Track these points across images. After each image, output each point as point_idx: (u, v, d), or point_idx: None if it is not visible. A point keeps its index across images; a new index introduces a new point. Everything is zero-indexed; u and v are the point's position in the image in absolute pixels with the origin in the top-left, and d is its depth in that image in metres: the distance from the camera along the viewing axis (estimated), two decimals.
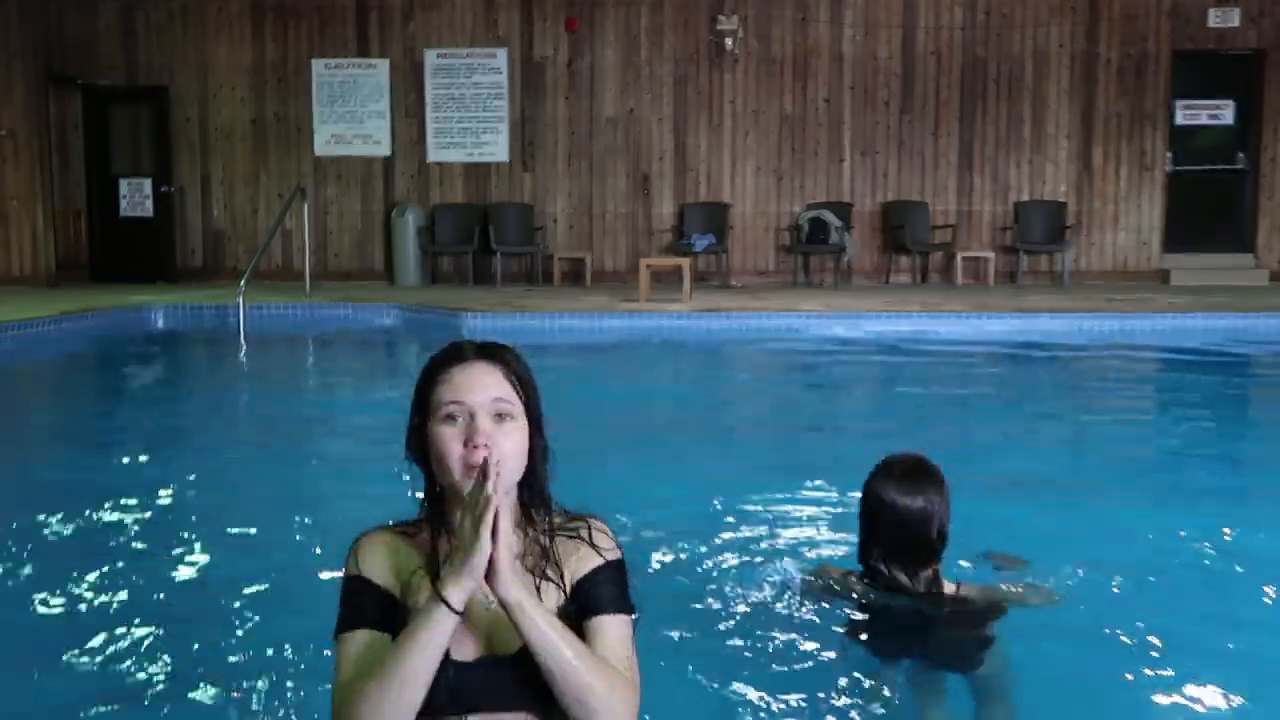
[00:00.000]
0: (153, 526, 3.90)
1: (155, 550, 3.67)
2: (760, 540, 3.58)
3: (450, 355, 1.76)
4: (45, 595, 3.24)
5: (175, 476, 4.69)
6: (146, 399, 7.59)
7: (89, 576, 3.37)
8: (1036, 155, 13.40)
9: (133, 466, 5.13)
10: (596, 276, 13.16)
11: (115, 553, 3.61)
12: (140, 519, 4.00)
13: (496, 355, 1.75)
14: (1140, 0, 13.18)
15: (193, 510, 4.13)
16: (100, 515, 4.02)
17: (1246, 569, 3.45)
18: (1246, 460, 5.58)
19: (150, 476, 4.64)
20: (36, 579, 3.36)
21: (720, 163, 13.45)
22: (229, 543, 3.74)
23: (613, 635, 1.71)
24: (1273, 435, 6.18)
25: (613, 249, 13.52)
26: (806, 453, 4.30)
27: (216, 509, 4.17)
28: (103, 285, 12.67)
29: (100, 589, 3.29)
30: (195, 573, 3.45)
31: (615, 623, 1.72)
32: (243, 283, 9.86)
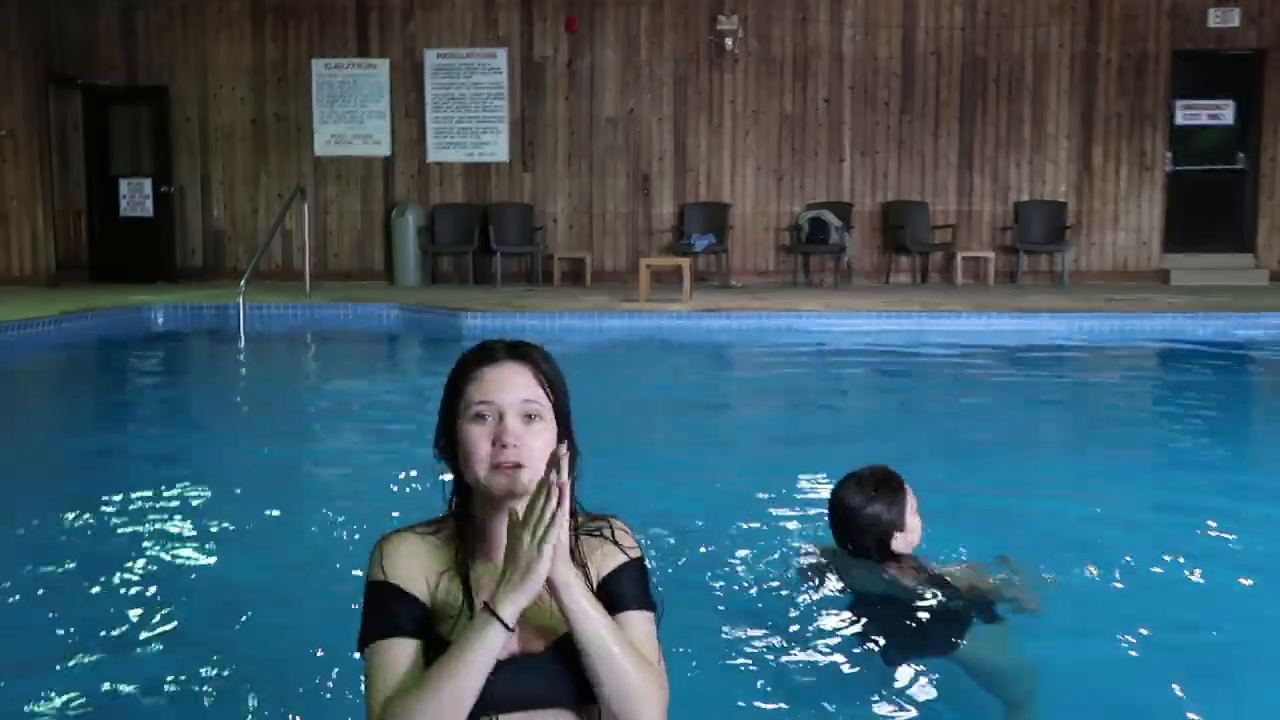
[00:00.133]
0: (153, 526, 3.90)
1: (155, 550, 3.67)
2: (758, 539, 3.58)
3: (481, 354, 1.75)
4: (46, 596, 3.24)
5: (175, 476, 4.69)
6: (146, 399, 7.59)
7: (89, 578, 3.38)
8: (1036, 155, 13.40)
9: (133, 466, 5.13)
10: (596, 276, 13.17)
11: (115, 553, 3.61)
12: (141, 519, 4.00)
13: (527, 355, 1.75)
14: (1140, 0, 13.19)
15: (193, 510, 4.14)
16: (100, 515, 4.02)
17: (1246, 569, 3.45)
18: (1246, 460, 5.58)
19: (150, 476, 4.64)
20: (36, 579, 3.36)
21: (720, 163, 13.46)
22: (229, 543, 3.75)
23: (640, 630, 1.71)
24: (1273, 435, 6.18)
25: (613, 249, 13.53)
26: (806, 452, 4.30)
27: (217, 509, 4.18)
28: (103, 285, 12.68)
29: (100, 589, 3.30)
30: (195, 573, 3.46)
31: (641, 618, 1.73)
32: (243, 283, 9.87)
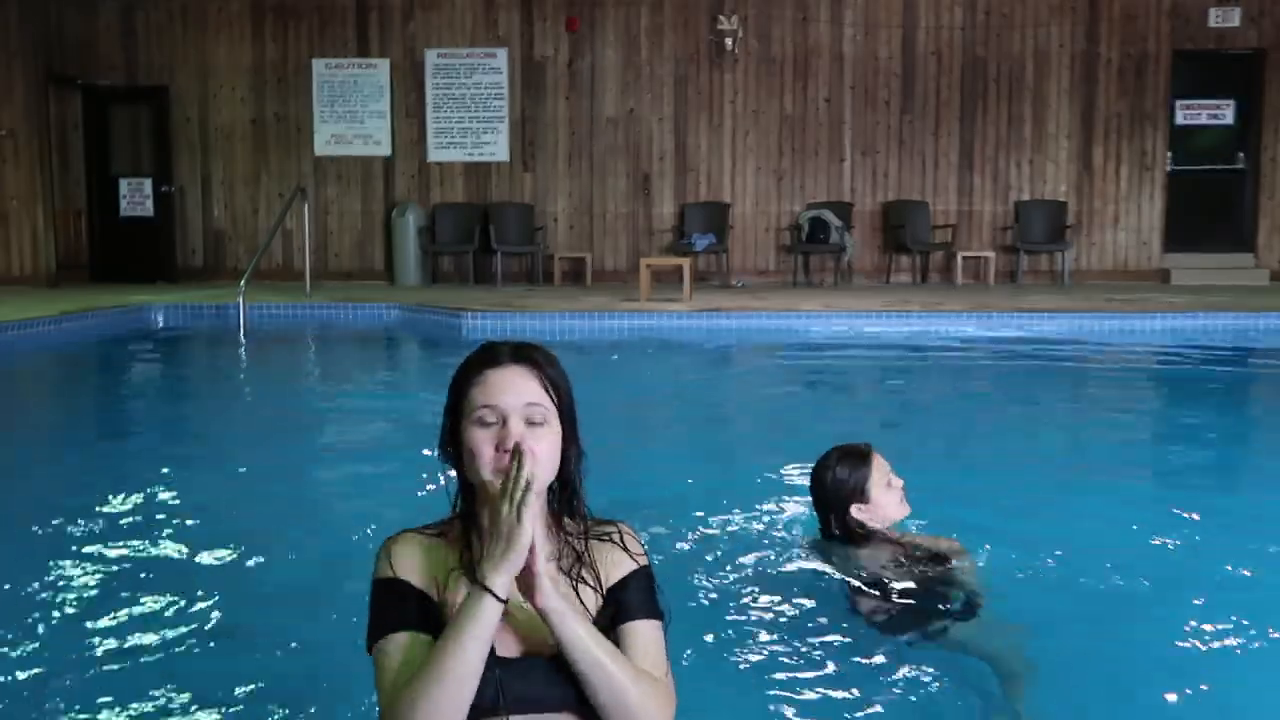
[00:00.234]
0: (153, 527, 3.90)
1: (155, 551, 3.67)
2: (757, 538, 3.58)
3: (485, 357, 1.75)
4: (46, 596, 3.24)
5: (175, 477, 4.70)
6: (147, 399, 7.59)
7: (89, 578, 3.38)
8: (1037, 155, 13.41)
9: (133, 467, 5.13)
10: (597, 276, 13.17)
11: (114, 553, 3.61)
12: (140, 519, 4.00)
13: (530, 358, 1.74)
14: (1140, 0, 13.19)
15: (193, 510, 4.13)
16: (100, 516, 4.02)
17: (1247, 570, 3.45)
18: (1246, 460, 5.58)
19: (150, 477, 4.64)
20: (36, 579, 3.36)
21: (720, 162, 13.46)
22: (229, 543, 3.74)
23: (647, 640, 1.71)
24: (1273, 435, 6.18)
25: (613, 249, 13.53)
26: (806, 452, 4.30)
27: (217, 508, 4.17)
28: (103, 285, 12.68)
29: (99, 590, 3.30)
30: (196, 573, 3.45)
31: (648, 627, 1.73)
32: (243, 283, 9.86)
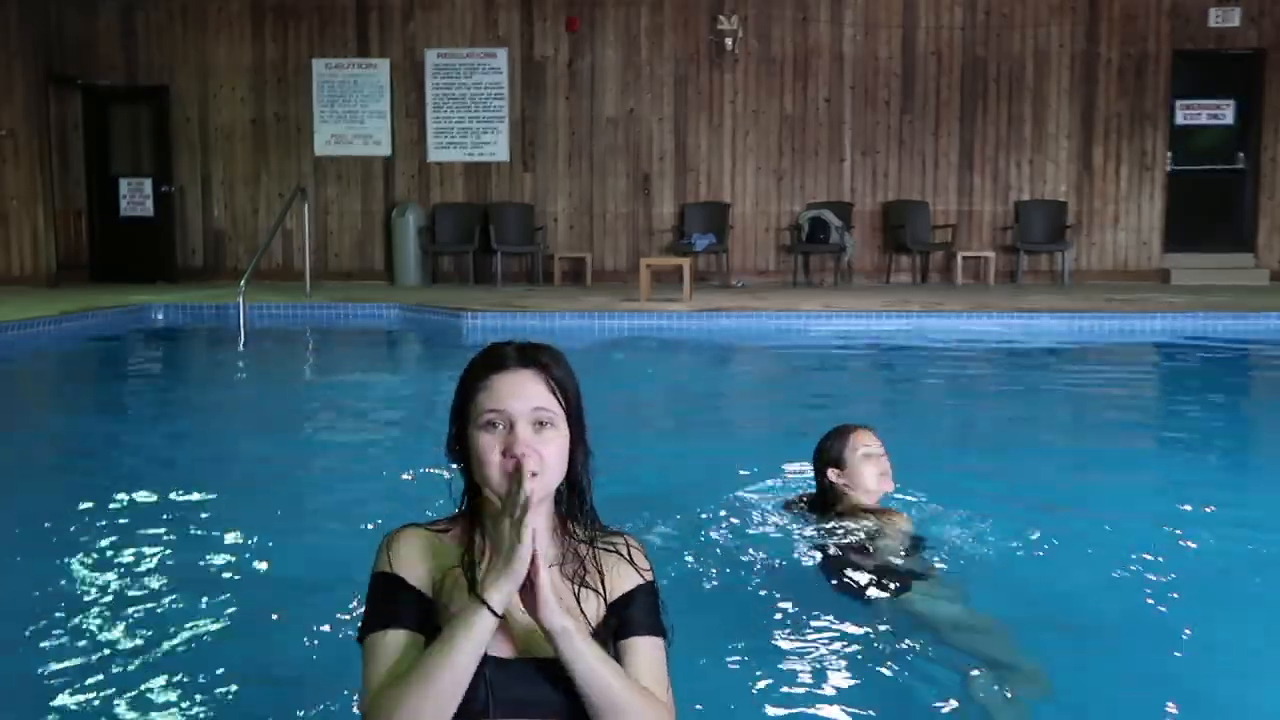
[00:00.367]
0: (153, 526, 3.90)
1: (154, 551, 3.67)
2: (755, 537, 3.58)
3: (491, 361, 1.73)
4: (46, 596, 3.24)
5: (175, 476, 4.70)
6: (146, 399, 7.58)
7: (88, 578, 3.38)
8: (1037, 155, 13.41)
9: (132, 466, 5.13)
10: (597, 276, 13.17)
11: (114, 554, 3.61)
12: (140, 519, 4.00)
13: (537, 361, 1.72)
14: (1140, 0, 13.19)
15: (193, 510, 4.14)
16: (99, 516, 4.02)
17: (1246, 569, 3.45)
18: (1246, 460, 5.58)
19: (150, 476, 4.64)
20: (36, 580, 3.36)
21: (720, 162, 13.46)
22: (229, 542, 3.74)
23: (648, 658, 1.70)
24: (1273, 435, 6.17)
25: (613, 249, 13.53)
26: (804, 451, 4.30)
27: (217, 508, 4.17)
28: (103, 285, 12.68)
29: (99, 590, 3.30)
30: (195, 572, 3.45)
31: (650, 645, 1.72)
32: (243, 283, 9.86)
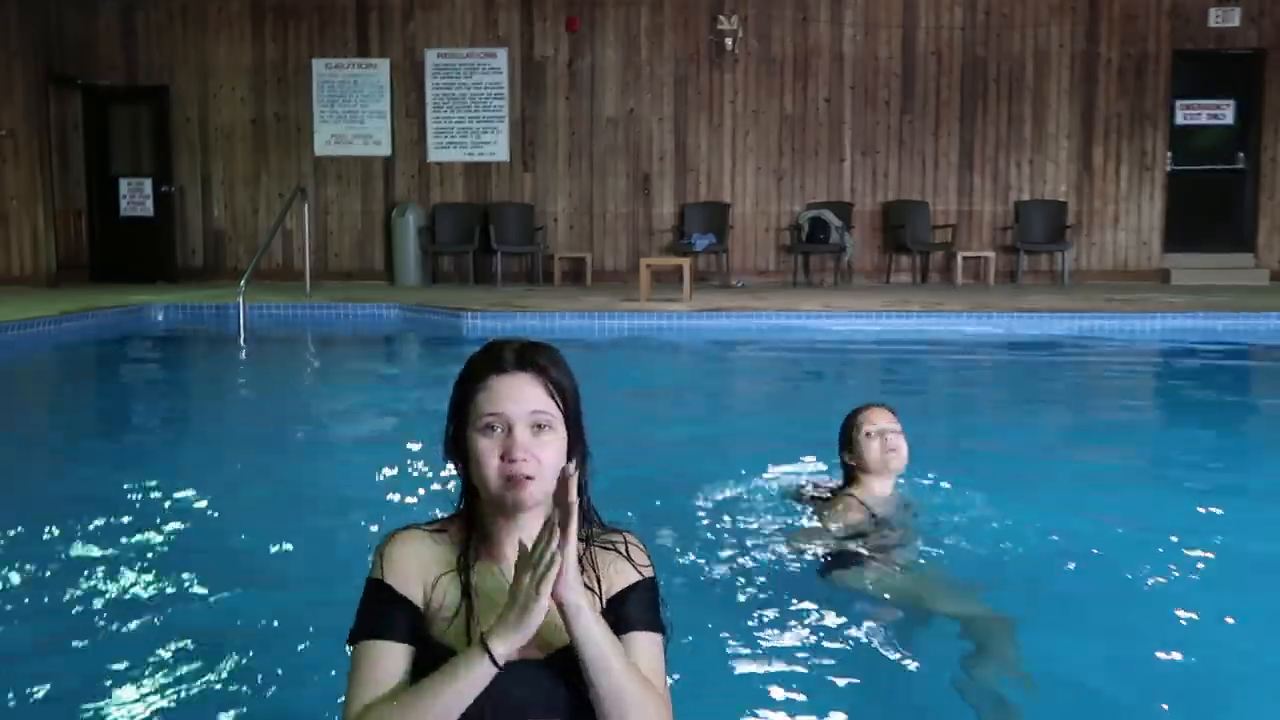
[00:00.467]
0: (153, 527, 3.90)
1: (154, 551, 3.67)
2: (756, 537, 3.58)
3: (490, 362, 1.71)
4: (45, 595, 3.24)
5: (175, 477, 4.69)
6: (146, 399, 7.58)
7: (87, 578, 3.38)
8: (1037, 155, 13.41)
9: (132, 466, 5.13)
10: (597, 276, 13.17)
11: (113, 554, 3.61)
12: (140, 520, 4.00)
13: (536, 363, 1.71)
14: (1140, 0, 13.19)
15: (193, 510, 4.14)
16: (99, 516, 4.02)
17: (1245, 569, 3.45)
18: (1245, 460, 5.58)
19: (150, 477, 4.64)
20: (35, 579, 3.36)
21: (720, 162, 13.46)
22: (229, 542, 3.74)
23: (646, 653, 1.70)
24: (1273, 435, 6.18)
25: (613, 249, 13.54)
26: (804, 450, 4.30)
27: (217, 509, 4.18)
28: (103, 285, 12.68)
29: (98, 590, 3.30)
30: (195, 572, 3.45)
31: (647, 640, 1.72)
32: (243, 283, 9.86)
